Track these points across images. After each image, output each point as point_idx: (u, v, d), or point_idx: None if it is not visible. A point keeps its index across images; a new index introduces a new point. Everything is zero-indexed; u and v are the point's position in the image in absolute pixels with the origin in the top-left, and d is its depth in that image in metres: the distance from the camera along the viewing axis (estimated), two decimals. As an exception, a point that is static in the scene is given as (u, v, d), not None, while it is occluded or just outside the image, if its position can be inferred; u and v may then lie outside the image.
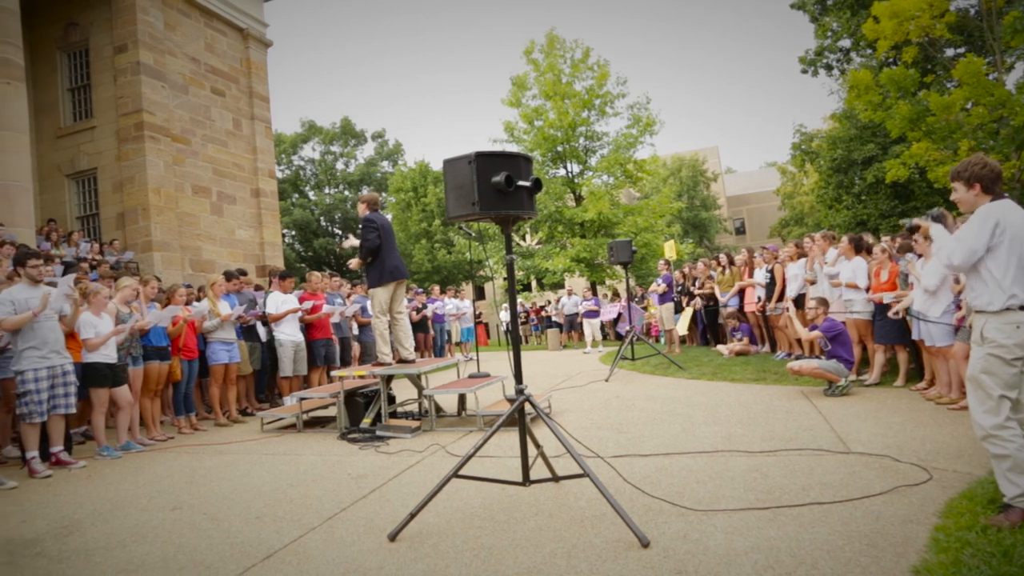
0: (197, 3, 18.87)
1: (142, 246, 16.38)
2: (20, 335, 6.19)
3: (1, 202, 12.80)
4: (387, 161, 46.37)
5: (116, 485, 5.62)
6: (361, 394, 7.74)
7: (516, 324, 4.12)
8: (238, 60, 20.38)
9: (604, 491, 3.54)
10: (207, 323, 8.54)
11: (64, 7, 17.86)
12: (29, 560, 3.86)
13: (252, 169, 20.31)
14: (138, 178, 16.67)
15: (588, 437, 5.94)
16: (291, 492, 4.93)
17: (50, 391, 6.27)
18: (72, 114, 18.13)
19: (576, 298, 20.93)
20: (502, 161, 3.89)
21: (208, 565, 3.55)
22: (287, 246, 39.88)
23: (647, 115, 24.66)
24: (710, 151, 57.12)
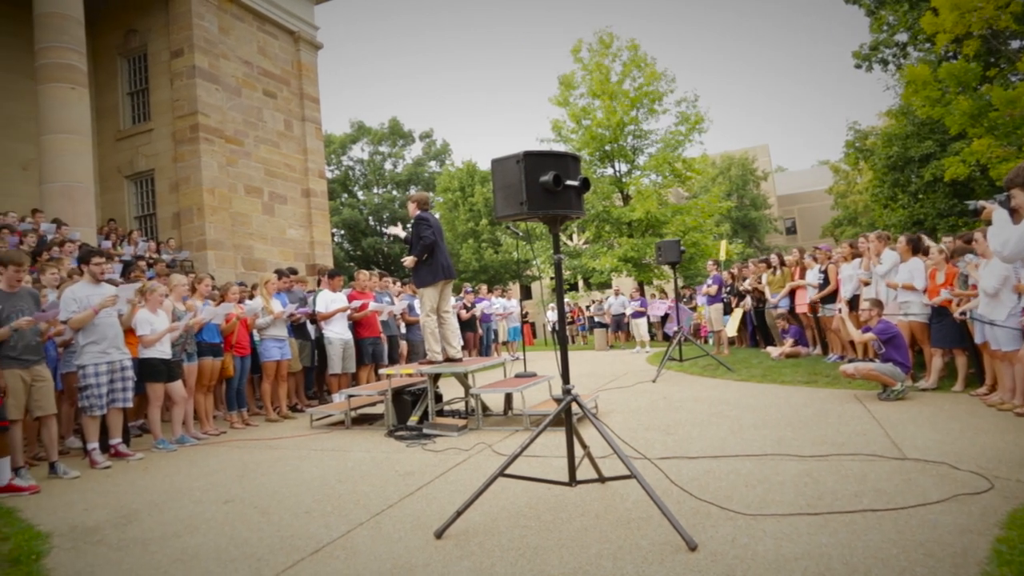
0: (250, 7, 19.26)
1: (197, 245, 16.79)
2: (82, 331, 6.42)
3: (65, 202, 13.24)
4: (435, 161, 46.67)
5: (171, 477, 5.77)
6: (408, 392, 7.80)
7: (563, 324, 4.11)
8: (289, 62, 20.74)
9: (651, 493, 3.51)
10: (259, 320, 8.70)
11: (124, 15, 18.42)
12: (91, 547, 4.00)
13: (303, 169, 20.66)
14: (193, 179, 17.10)
15: (635, 438, 5.89)
16: (339, 488, 4.99)
17: (109, 385, 6.49)
18: (131, 117, 18.70)
19: (623, 298, 20.79)
20: (550, 160, 3.88)
21: (259, 558, 3.61)
22: (336, 245, 40.43)
23: (695, 113, 24.36)
24: (760, 149, 56.17)
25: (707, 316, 14.48)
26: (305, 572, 3.38)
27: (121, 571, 3.56)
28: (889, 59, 25.89)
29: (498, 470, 3.87)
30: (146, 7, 18.12)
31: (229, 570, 3.46)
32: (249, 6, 19.27)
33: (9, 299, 5.83)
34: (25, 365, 5.84)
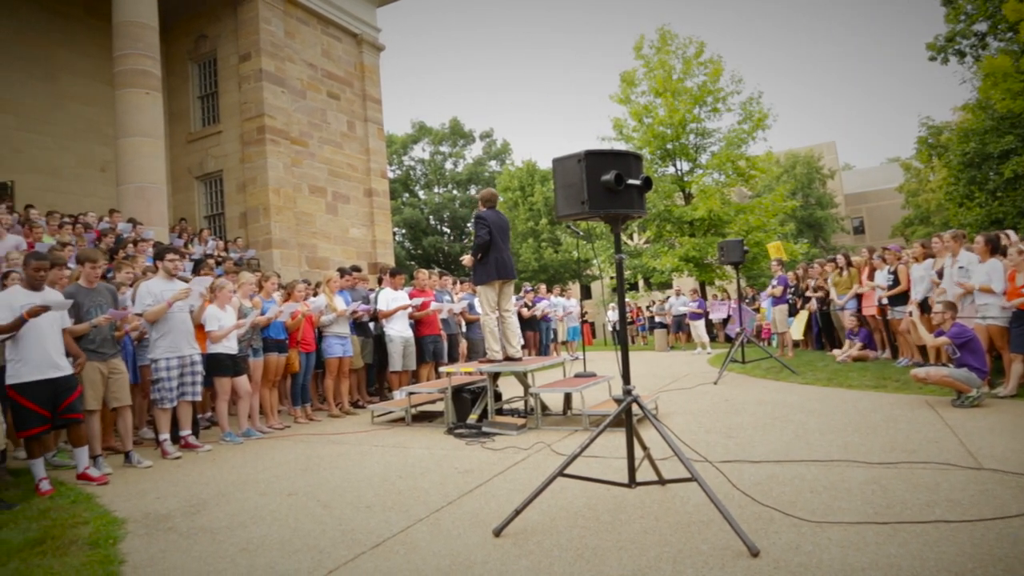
0: (315, 11, 19.67)
1: (263, 244, 17.23)
2: (155, 326, 6.66)
3: (139, 203, 13.74)
4: (495, 160, 46.88)
5: (238, 469, 5.93)
6: (468, 390, 7.85)
7: (624, 324, 4.07)
8: (352, 64, 21.10)
9: (712, 496, 3.45)
10: (323, 318, 8.87)
11: (195, 21, 19.04)
12: (162, 534, 4.14)
13: (365, 169, 21.00)
14: (259, 179, 17.55)
15: (696, 440, 5.81)
16: (399, 483, 5.05)
17: (179, 379, 6.72)
18: (201, 120, 19.32)
19: (684, 298, 20.53)
20: (612, 159, 3.84)
21: (321, 550, 3.68)
22: (397, 244, 40.96)
23: (759, 110, 23.88)
24: (827, 147, 54.72)
25: (771, 318, 14.17)
26: (366, 565, 3.43)
27: (191, 558, 3.68)
28: (966, 50, 24.92)
29: (557, 469, 3.86)
30: (216, 13, 18.70)
31: (292, 561, 3.53)
32: (314, 10, 19.68)
33: (88, 295, 6.09)
34: (103, 358, 6.10)
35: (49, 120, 17.22)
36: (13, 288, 5.65)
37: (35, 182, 16.41)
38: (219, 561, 3.60)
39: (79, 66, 17.85)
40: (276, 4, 18.34)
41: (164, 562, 3.65)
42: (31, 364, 5.33)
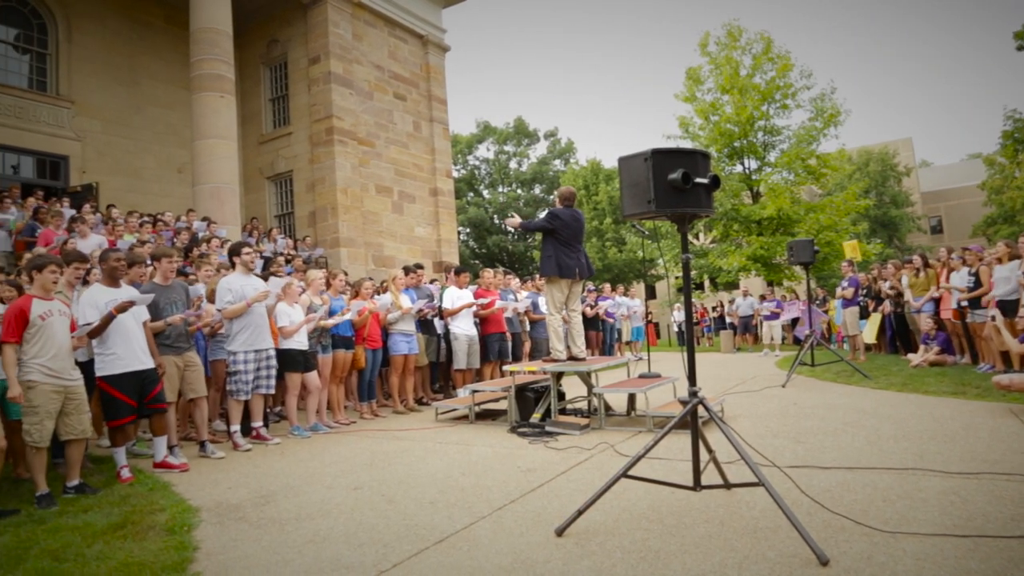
0: (382, 14, 19.98)
1: (331, 242, 17.60)
2: (234, 320, 6.87)
3: (214, 202, 14.19)
4: (559, 160, 46.79)
5: (305, 462, 6.07)
6: (531, 389, 7.85)
7: (691, 324, 4.01)
8: (418, 66, 21.35)
9: (780, 502, 3.37)
10: (390, 315, 9.00)
11: (267, 26, 19.58)
12: (234, 523, 4.27)
13: (430, 169, 21.22)
14: (328, 179, 17.94)
15: (763, 445, 5.68)
16: (463, 481, 5.08)
17: (255, 372, 6.91)
18: (272, 122, 19.85)
19: (751, 299, 20.10)
20: (679, 158, 3.79)
21: (385, 544, 3.73)
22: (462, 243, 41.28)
23: (832, 106, 23.19)
24: (902, 143, 52.80)
25: (842, 320, 13.76)
26: (429, 561, 3.46)
27: (260, 547, 3.78)
28: (1059, 38, 23.69)
29: (621, 470, 3.83)
30: (287, 18, 19.18)
31: (358, 554, 3.60)
32: (381, 13, 19.99)
33: (164, 291, 6.33)
34: (178, 352, 6.34)
35: (131, 124, 17.97)
36: (94, 287, 5.90)
37: (118, 183, 17.14)
38: (287, 551, 3.69)
39: (159, 72, 18.57)
40: (344, 8, 18.69)
41: (235, 550, 3.76)
42: (120, 357, 5.60)
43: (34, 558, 3.75)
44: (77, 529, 4.24)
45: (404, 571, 3.35)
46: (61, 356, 5.14)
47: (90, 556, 3.73)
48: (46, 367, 5.02)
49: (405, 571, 3.35)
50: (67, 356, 5.23)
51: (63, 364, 5.15)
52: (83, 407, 5.31)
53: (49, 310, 5.13)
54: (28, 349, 5.00)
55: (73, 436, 5.21)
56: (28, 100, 16.08)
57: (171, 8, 18.44)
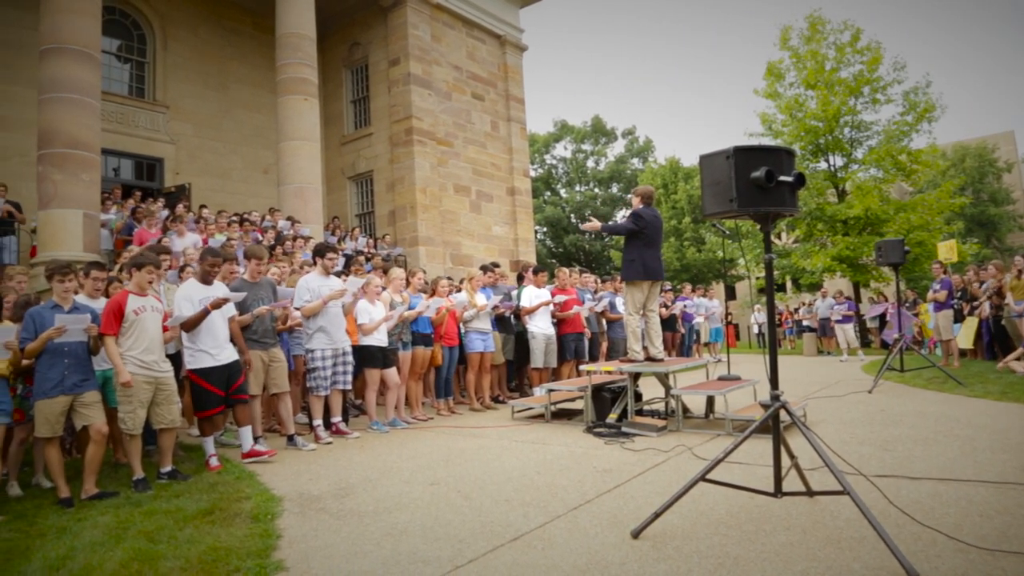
0: (460, 15, 20.18)
1: (409, 241, 17.89)
2: (312, 319, 7.07)
3: (298, 202, 14.62)
4: (637, 158, 46.31)
5: (383, 457, 6.18)
6: (608, 389, 7.79)
7: (773, 326, 3.90)
8: (496, 66, 21.47)
9: (867, 512, 3.23)
10: (466, 313, 9.08)
11: (349, 30, 20.06)
12: (315, 514, 4.39)
13: (508, 168, 21.32)
14: (407, 179, 18.24)
15: (848, 452, 5.48)
16: (538, 479, 5.08)
17: (333, 369, 7.09)
18: (353, 123, 20.33)
19: (830, 300, 19.41)
20: (762, 155, 3.69)
21: (461, 539, 3.77)
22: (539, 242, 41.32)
23: (925, 100, 22.14)
24: (1003, 137, 50.05)
25: (934, 324, 13.14)
26: (504, 558, 3.47)
27: (340, 538, 3.87)
28: None
29: (699, 474, 3.76)
30: (368, 21, 19.60)
31: (434, 548, 3.64)
32: (459, 14, 20.20)
33: (252, 288, 6.57)
34: (264, 347, 6.57)
35: (220, 127, 18.70)
36: (189, 282, 6.19)
37: (208, 184, 17.87)
38: (365, 543, 3.77)
39: (247, 77, 19.26)
40: (423, 10, 18.97)
41: (316, 540, 3.86)
42: (209, 351, 5.87)
43: (131, 538, 3.95)
44: (170, 513, 4.45)
45: (479, 567, 3.37)
46: (153, 349, 5.44)
47: (181, 539, 3.90)
48: (139, 359, 5.33)
49: (480, 567, 3.37)
50: (158, 349, 5.52)
51: (154, 357, 5.46)
52: (173, 397, 5.60)
53: (143, 306, 5.43)
54: (123, 342, 5.32)
55: (164, 425, 5.50)
56: (128, 106, 16.93)
57: (258, 15, 19.10)
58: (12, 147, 14.31)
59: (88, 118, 11.38)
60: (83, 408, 5.12)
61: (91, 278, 5.94)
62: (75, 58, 11.21)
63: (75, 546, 3.90)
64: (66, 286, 5.27)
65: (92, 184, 11.30)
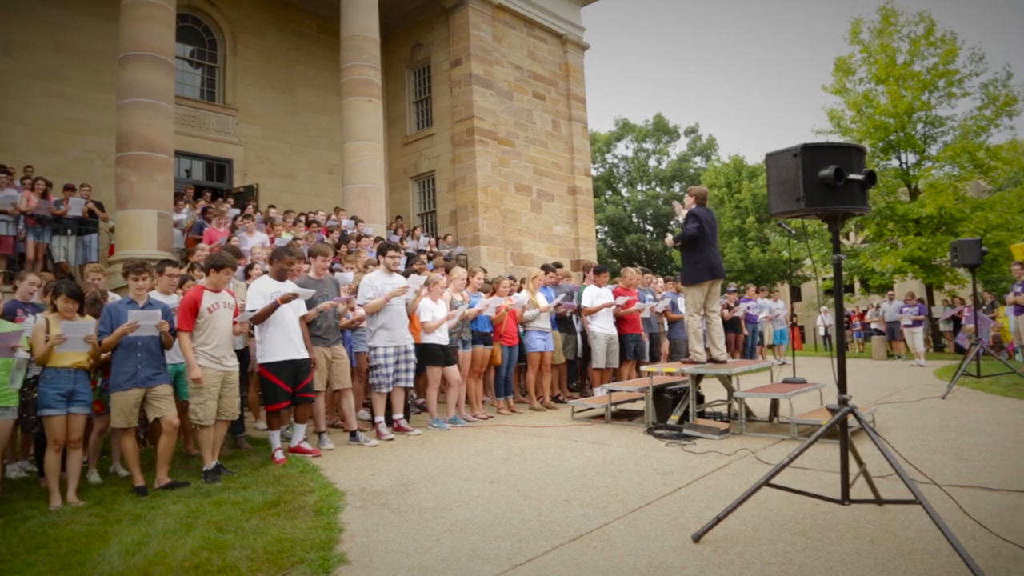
0: (521, 15, 20.22)
1: (471, 240, 18.00)
2: (375, 317, 7.19)
3: (361, 201, 14.87)
4: (700, 157, 45.65)
5: (444, 454, 6.24)
6: (669, 391, 7.70)
7: (841, 329, 3.81)
8: (557, 65, 21.44)
9: (940, 523, 3.11)
10: (526, 313, 9.09)
11: (412, 31, 20.32)
12: (376, 508, 4.46)
13: (569, 168, 21.27)
14: (469, 178, 18.36)
15: (919, 460, 5.29)
16: (598, 480, 5.06)
17: (395, 366, 7.19)
18: (416, 124, 20.58)
19: (898, 303, 18.72)
20: (830, 153, 3.60)
21: (520, 538, 3.78)
22: (600, 242, 41.11)
23: (1005, 93, 21.15)
24: (1091, 133, 47.59)
25: (1015, 328, 12.57)
26: (563, 558, 3.47)
27: (401, 533, 3.92)
28: None
29: (763, 478, 3.68)
30: (431, 23, 19.80)
31: (493, 546, 3.66)
32: (520, 14, 20.24)
33: (317, 285, 6.72)
34: (327, 344, 6.71)
35: (287, 129, 19.16)
36: (262, 278, 6.38)
37: (275, 184, 18.33)
38: (425, 539, 3.81)
39: (313, 79, 19.69)
40: (485, 10, 19.07)
41: (377, 535, 3.92)
42: (278, 346, 6.05)
43: (201, 527, 4.09)
44: (237, 504, 4.58)
45: (538, 567, 3.37)
46: (223, 344, 5.64)
47: (248, 530, 4.02)
48: (210, 354, 5.54)
49: (539, 567, 3.37)
50: (228, 344, 5.72)
51: (224, 352, 5.65)
52: (235, 391, 5.80)
53: (216, 303, 5.63)
54: (196, 337, 5.53)
55: (224, 417, 5.69)
56: (200, 109, 17.49)
57: (324, 19, 19.49)
58: (94, 150, 14.96)
59: (163, 121, 11.79)
60: (155, 401, 5.33)
61: (166, 275, 6.20)
62: (151, 64, 11.63)
63: (149, 533, 4.05)
64: (140, 283, 5.50)
65: (166, 185, 11.70)
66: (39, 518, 4.56)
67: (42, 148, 14.42)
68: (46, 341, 4.98)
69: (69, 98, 15.10)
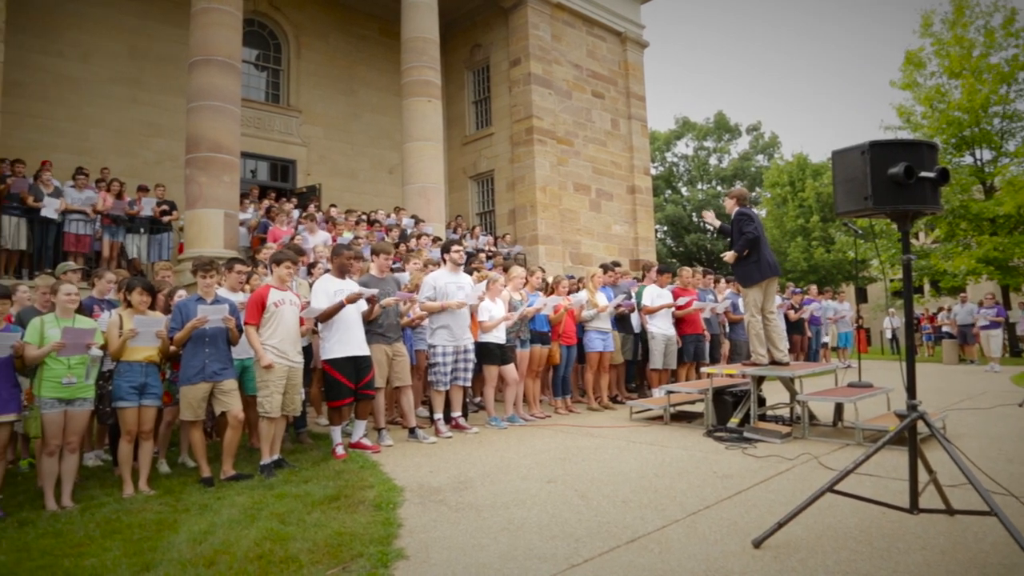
0: (580, 13, 20.15)
1: (529, 239, 18.03)
2: (435, 315, 7.27)
3: (421, 201, 15.03)
4: (762, 155, 44.70)
5: (501, 452, 6.26)
6: (730, 393, 7.59)
7: (911, 331, 3.69)
8: (616, 63, 21.31)
9: (1018, 536, 2.98)
10: (585, 312, 9.06)
11: (471, 32, 20.46)
12: (434, 505, 4.51)
13: (628, 167, 21.12)
14: (527, 178, 18.39)
15: (994, 470, 5.07)
16: (656, 482, 5.02)
17: (454, 365, 7.26)
18: (475, 124, 20.70)
19: (971, 305, 18.00)
20: (900, 150, 3.50)
21: (577, 538, 3.77)
22: (659, 241, 40.64)
23: (1096, 83, 20.16)
24: None
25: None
26: (620, 559, 3.45)
27: (458, 530, 3.96)
28: None
29: (827, 484, 3.60)
30: (490, 23, 19.89)
31: (550, 546, 3.66)
32: (579, 12, 20.17)
33: (380, 283, 6.83)
34: (388, 341, 6.81)
35: (349, 129, 19.49)
36: (325, 276, 6.53)
37: (336, 184, 18.66)
38: (483, 537, 3.84)
39: (374, 81, 19.98)
40: (544, 9, 19.05)
41: (435, 531, 3.96)
42: (342, 343, 6.19)
43: (264, 519, 4.21)
44: (299, 497, 4.69)
45: (595, 567, 3.36)
46: (289, 340, 5.80)
47: (309, 523, 4.11)
48: (276, 348, 5.70)
49: (596, 567, 3.36)
50: (294, 340, 5.87)
51: (290, 347, 5.80)
52: (298, 387, 5.96)
53: (282, 299, 5.80)
54: (263, 332, 5.71)
55: (285, 413, 5.84)
56: (265, 111, 17.92)
57: (385, 21, 19.74)
58: (165, 152, 15.47)
59: (230, 124, 12.12)
60: (222, 395, 5.51)
61: (234, 271, 6.40)
62: (219, 68, 11.97)
63: (215, 522, 4.19)
64: (207, 281, 5.72)
65: (232, 185, 12.03)
66: (113, 505, 4.78)
67: (117, 150, 14.98)
68: (119, 336, 5.21)
69: (142, 102, 15.65)
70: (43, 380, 4.90)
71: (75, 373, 4.96)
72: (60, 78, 14.50)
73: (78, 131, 14.64)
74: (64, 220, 10.82)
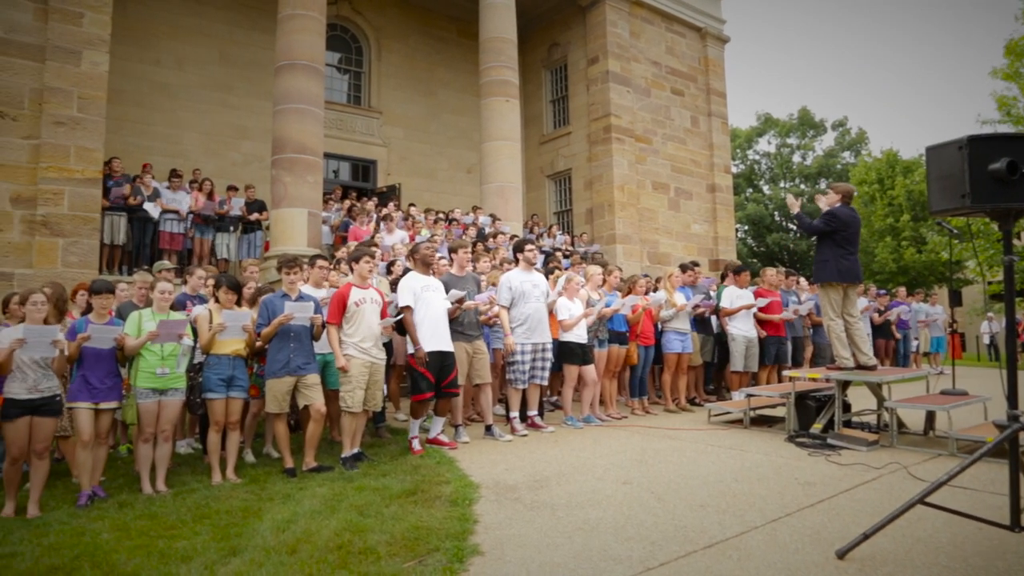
0: (659, 10, 19.92)
1: (607, 239, 17.93)
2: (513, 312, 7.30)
3: (498, 200, 15.13)
4: (848, 151, 43.12)
5: (577, 452, 6.24)
6: (813, 397, 7.35)
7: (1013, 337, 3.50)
8: (696, 59, 20.96)
9: None
10: (663, 312, 8.94)
11: (548, 31, 20.47)
12: (509, 502, 4.54)
13: (708, 165, 20.76)
14: (605, 176, 18.29)
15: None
16: (735, 487, 4.91)
17: (531, 363, 7.27)
18: (552, 123, 20.70)
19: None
20: (1002, 144, 3.32)
21: (653, 541, 3.73)
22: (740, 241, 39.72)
23: None
24: None
25: None
26: (697, 564, 3.40)
27: (533, 528, 3.97)
28: None
29: (918, 496, 3.45)
30: (567, 22, 19.84)
31: (625, 548, 3.63)
32: (657, 8, 19.92)
33: (459, 281, 6.94)
34: (469, 339, 6.90)
35: (428, 130, 19.78)
36: (410, 274, 6.67)
37: (416, 183, 18.96)
38: (557, 536, 3.83)
39: (452, 81, 20.21)
40: (622, 7, 18.89)
41: (510, 528, 3.98)
42: (427, 337, 6.27)
43: (344, 510, 4.32)
44: (377, 490, 4.80)
45: (671, 571, 3.32)
46: (370, 338, 5.95)
47: (387, 516, 4.20)
48: (358, 345, 5.87)
49: (672, 572, 3.32)
50: (375, 338, 6.00)
51: (370, 344, 5.96)
52: (380, 384, 6.11)
53: (364, 298, 5.96)
54: (345, 329, 5.89)
55: (366, 407, 6.00)
56: (346, 113, 18.37)
57: (463, 23, 19.94)
58: (252, 153, 16.05)
59: (313, 126, 12.47)
60: (305, 389, 5.69)
61: (317, 268, 6.59)
62: (304, 72, 12.33)
63: (297, 512, 4.32)
64: (292, 278, 5.91)
65: (316, 185, 12.37)
66: (203, 491, 5.00)
67: (208, 153, 15.62)
68: (209, 329, 5.46)
69: (232, 106, 16.26)
70: (139, 371, 5.19)
71: (168, 364, 5.23)
72: (156, 85, 15.20)
73: (171, 135, 15.32)
74: (160, 219, 11.35)
